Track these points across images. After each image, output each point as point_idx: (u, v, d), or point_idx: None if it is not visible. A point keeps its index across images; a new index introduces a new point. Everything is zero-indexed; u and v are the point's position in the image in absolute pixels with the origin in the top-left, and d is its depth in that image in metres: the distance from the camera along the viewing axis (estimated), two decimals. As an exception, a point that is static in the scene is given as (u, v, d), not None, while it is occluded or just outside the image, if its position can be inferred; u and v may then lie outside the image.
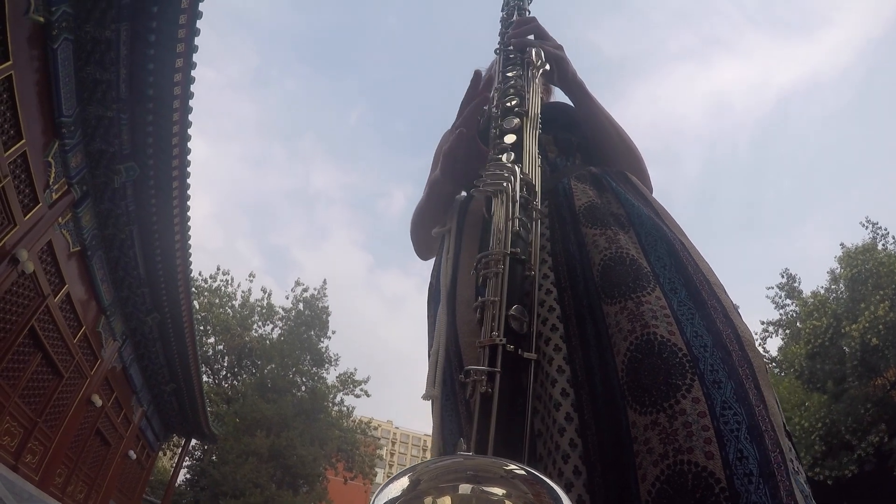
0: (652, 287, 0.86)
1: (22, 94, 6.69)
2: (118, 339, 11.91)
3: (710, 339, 0.79)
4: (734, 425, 0.67)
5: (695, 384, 0.72)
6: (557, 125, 1.33)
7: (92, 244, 9.56)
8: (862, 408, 13.63)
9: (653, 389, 0.73)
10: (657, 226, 1.00)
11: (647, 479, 0.68)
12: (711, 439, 0.66)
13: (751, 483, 0.62)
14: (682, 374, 0.73)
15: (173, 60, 7.42)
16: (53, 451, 10.07)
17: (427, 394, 0.90)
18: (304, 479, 25.45)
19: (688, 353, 0.75)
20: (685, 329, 0.79)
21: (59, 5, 6.71)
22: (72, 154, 8.03)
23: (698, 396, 0.70)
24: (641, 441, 0.71)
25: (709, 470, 0.64)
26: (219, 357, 28.15)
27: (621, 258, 0.91)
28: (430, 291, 1.25)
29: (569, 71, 1.29)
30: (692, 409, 0.69)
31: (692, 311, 0.83)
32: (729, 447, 0.65)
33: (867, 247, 15.93)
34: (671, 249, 0.95)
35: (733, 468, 0.63)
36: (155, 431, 17.25)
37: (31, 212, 7.56)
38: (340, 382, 29.57)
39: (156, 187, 9.04)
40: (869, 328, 13.69)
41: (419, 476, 0.43)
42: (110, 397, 12.53)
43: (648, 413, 0.72)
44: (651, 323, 0.80)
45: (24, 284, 8.00)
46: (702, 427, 0.67)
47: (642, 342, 0.78)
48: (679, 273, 0.90)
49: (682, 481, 0.64)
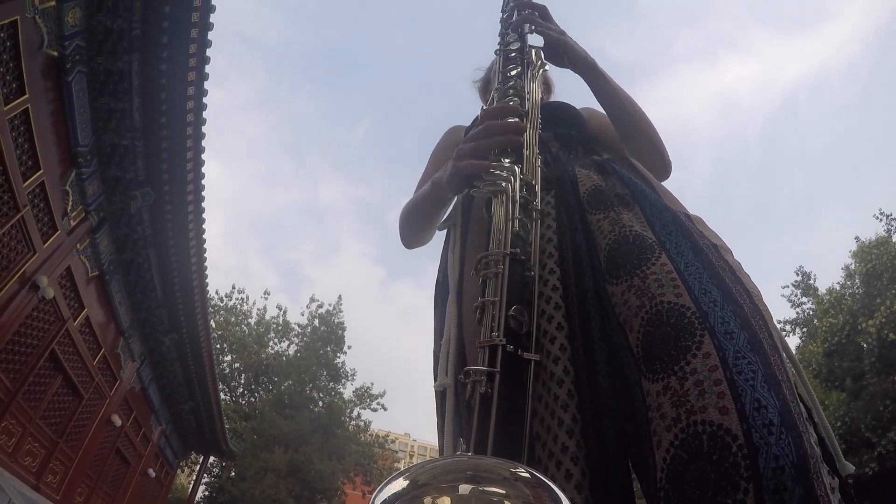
0: (657, 255, 0.85)
1: (39, 125, 6.88)
2: (137, 359, 12.07)
3: (720, 294, 0.78)
4: (749, 374, 0.65)
5: (705, 339, 0.70)
6: (552, 121, 1.33)
7: (110, 268, 9.75)
8: (881, 404, 13.47)
9: (664, 356, 0.72)
10: (661, 201, 1.00)
11: (662, 446, 0.66)
12: (725, 392, 0.64)
13: (771, 434, 0.60)
14: (691, 334, 0.72)
15: (185, 88, 7.61)
16: (74, 471, 10.20)
17: (440, 383, 0.87)
18: (322, 493, 25.43)
19: (696, 310, 0.75)
20: (693, 287, 0.79)
21: (72, 39, 6.91)
22: (88, 182, 8.22)
23: (709, 351, 0.69)
24: (655, 408, 0.70)
25: (724, 427, 0.61)
26: (236, 375, 28.26)
27: (625, 237, 0.91)
28: (437, 288, 1.24)
29: (578, 53, 1.27)
30: (703, 366, 0.67)
31: (700, 271, 0.82)
32: (745, 397, 0.63)
33: (881, 240, 15.79)
34: (676, 218, 0.94)
35: (751, 420, 0.61)
36: (174, 449, 17.35)
37: (50, 239, 7.75)
38: (357, 397, 29.54)
39: (171, 211, 9.21)
40: (886, 323, 13.55)
41: (418, 476, 0.43)
42: (129, 417, 12.66)
43: (660, 379, 0.71)
44: (657, 293, 0.79)
45: (44, 310, 8.17)
46: (714, 381, 0.65)
47: (652, 314, 0.77)
48: (685, 238, 0.90)
49: (696, 444, 0.62)
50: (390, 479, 0.43)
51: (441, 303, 1.16)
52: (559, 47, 1.26)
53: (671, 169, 1.33)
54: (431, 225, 1.34)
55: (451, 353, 0.87)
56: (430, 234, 1.40)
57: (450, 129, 1.60)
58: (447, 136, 1.58)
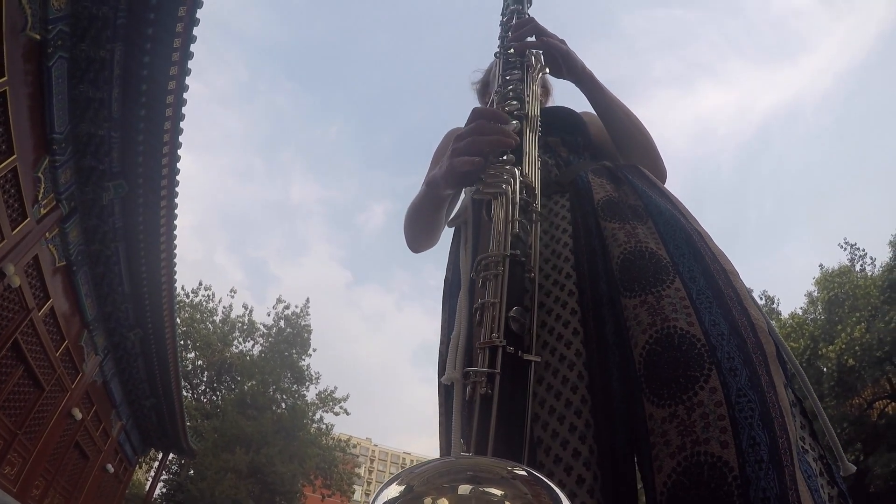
0: (672, 279, 0.87)
1: (15, 109, 6.76)
2: (100, 353, 11.86)
3: (727, 326, 0.80)
4: (748, 412, 0.69)
5: (712, 373, 0.73)
6: (560, 128, 1.34)
7: (78, 259, 9.58)
8: (839, 427, 13.93)
9: (672, 383, 0.74)
10: (674, 215, 1.01)
11: (664, 471, 0.70)
12: (727, 428, 0.68)
13: (761, 469, 0.64)
14: (699, 365, 0.75)
15: (166, 81, 7.55)
16: (32, 463, 10.00)
17: (447, 377, 0.86)
18: (282, 495, 25.22)
19: (706, 342, 0.77)
20: (703, 318, 0.81)
21: (56, 24, 6.81)
22: (61, 170, 8.09)
23: (715, 386, 0.72)
24: (658, 433, 0.73)
25: (723, 460, 0.66)
26: (198, 372, 27.91)
27: (640, 252, 0.93)
28: (446, 285, 1.24)
29: (577, 63, 1.28)
30: (709, 400, 0.71)
31: (710, 300, 0.84)
32: (742, 435, 0.67)
33: (844, 269, 16.42)
34: (688, 239, 0.96)
35: (746, 455, 0.65)
36: (133, 445, 17.06)
37: (20, 226, 7.60)
38: (320, 400, 29.43)
39: (144, 205, 9.12)
40: (846, 349, 14.04)
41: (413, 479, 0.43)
42: (90, 411, 12.46)
43: (667, 406, 0.73)
44: (671, 316, 0.81)
45: (9, 298, 8.02)
46: (718, 417, 0.69)
47: (662, 335, 0.79)
48: (697, 262, 0.92)
49: (698, 472, 0.66)
50: (388, 482, 0.43)
51: (450, 299, 1.17)
52: (559, 57, 1.26)
53: (666, 177, 1.34)
54: (433, 226, 1.34)
55: (461, 347, 0.86)
56: (434, 236, 1.40)
57: (449, 131, 1.58)
58: (447, 138, 1.57)
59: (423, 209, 1.27)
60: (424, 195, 1.22)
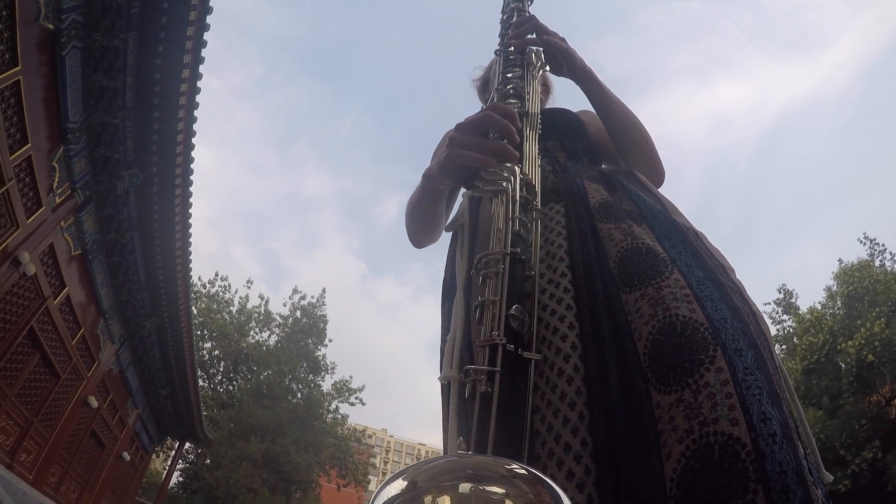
0: (670, 271, 0.88)
1: (29, 99, 6.80)
2: (116, 342, 11.98)
3: (729, 312, 0.80)
4: (756, 390, 0.68)
5: (717, 354, 0.73)
6: (559, 132, 1.34)
7: (93, 248, 9.66)
8: (857, 424, 13.71)
9: (677, 368, 0.74)
10: (669, 219, 1.03)
11: (672, 457, 0.68)
12: (735, 405, 0.67)
13: (775, 443, 0.63)
14: (704, 348, 0.74)
15: (180, 70, 7.54)
16: (48, 451, 10.12)
17: (444, 376, 0.86)
18: (297, 485, 25.45)
19: (709, 326, 0.77)
20: (705, 305, 0.81)
21: (70, 13, 6.82)
22: (76, 159, 8.13)
23: (721, 366, 0.71)
24: (666, 420, 0.71)
25: (735, 437, 0.64)
26: (215, 362, 28.20)
27: (637, 248, 0.93)
28: (444, 287, 1.25)
29: (577, 61, 1.28)
30: (716, 380, 0.70)
31: (710, 290, 0.85)
32: (752, 410, 0.66)
33: (863, 264, 16.15)
34: (684, 238, 0.98)
35: (758, 430, 0.64)
36: (149, 434, 17.26)
37: (35, 215, 7.66)
38: (336, 390, 29.57)
39: (158, 194, 9.15)
40: (865, 345, 13.77)
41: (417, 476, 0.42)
42: (106, 399, 12.57)
43: (673, 391, 0.72)
44: (672, 305, 0.81)
45: (24, 286, 8.08)
46: (725, 395, 0.68)
47: (665, 324, 0.79)
48: (694, 258, 0.93)
49: (708, 453, 0.65)
50: (388, 480, 0.43)
51: (448, 302, 1.16)
52: (559, 54, 1.27)
53: (664, 178, 1.34)
54: (432, 220, 1.33)
55: (457, 348, 0.86)
56: (435, 230, 1.39)
57: (447, 132, 1.58)
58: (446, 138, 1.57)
59: (421, 202, 1.27)
60: (422, 188, 1.22)
